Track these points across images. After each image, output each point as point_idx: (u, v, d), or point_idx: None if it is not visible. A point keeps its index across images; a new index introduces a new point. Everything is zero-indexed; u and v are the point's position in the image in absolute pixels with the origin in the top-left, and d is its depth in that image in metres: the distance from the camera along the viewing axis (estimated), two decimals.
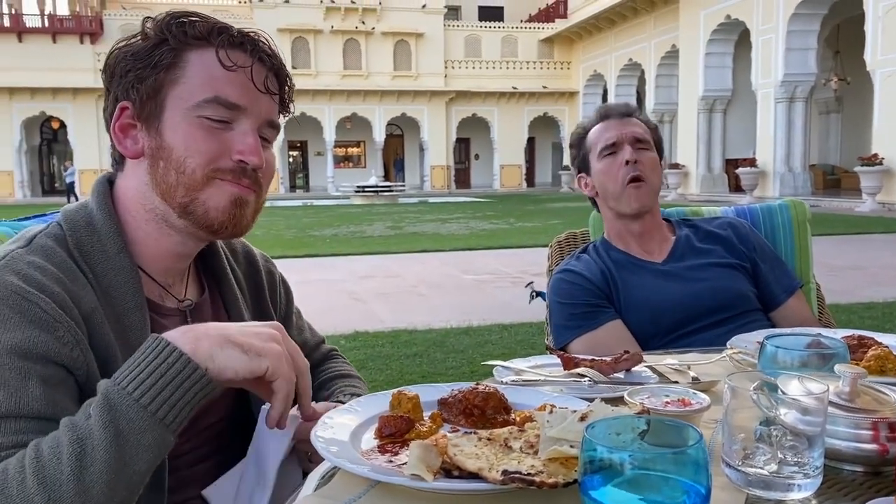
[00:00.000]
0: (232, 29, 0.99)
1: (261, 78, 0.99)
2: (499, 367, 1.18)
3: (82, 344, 0.86)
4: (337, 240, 13.23)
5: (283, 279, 1.29)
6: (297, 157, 37.75)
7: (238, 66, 0.96)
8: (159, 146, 0.96)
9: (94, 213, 0.98)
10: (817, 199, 19.12)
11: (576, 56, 35.46)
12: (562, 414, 0.75)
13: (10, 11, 32.08)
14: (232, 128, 0.97)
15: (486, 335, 5.43)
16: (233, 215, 0.98)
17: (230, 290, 1.13)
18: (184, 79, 0.96)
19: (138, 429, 0.76)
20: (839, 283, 7.19)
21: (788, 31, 19.65)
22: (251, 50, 0.98)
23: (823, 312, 2.02)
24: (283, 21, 33.07)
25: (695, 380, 1.08)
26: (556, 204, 23.31)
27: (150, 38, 0.96)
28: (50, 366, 0.82)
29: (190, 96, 0.95)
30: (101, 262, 0.94)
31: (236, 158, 0.97)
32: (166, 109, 0.96)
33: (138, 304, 0.95)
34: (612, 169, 1.78)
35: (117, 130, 0.98)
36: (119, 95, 0.97)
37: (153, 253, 1.00)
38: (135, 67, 0.95)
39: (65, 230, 0.95)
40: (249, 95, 0.98)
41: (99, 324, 0.90)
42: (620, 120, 1.82)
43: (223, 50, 0.96)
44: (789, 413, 0.72)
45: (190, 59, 0.96)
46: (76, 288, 0.89)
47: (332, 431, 0.84)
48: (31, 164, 33.55)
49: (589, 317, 1.71)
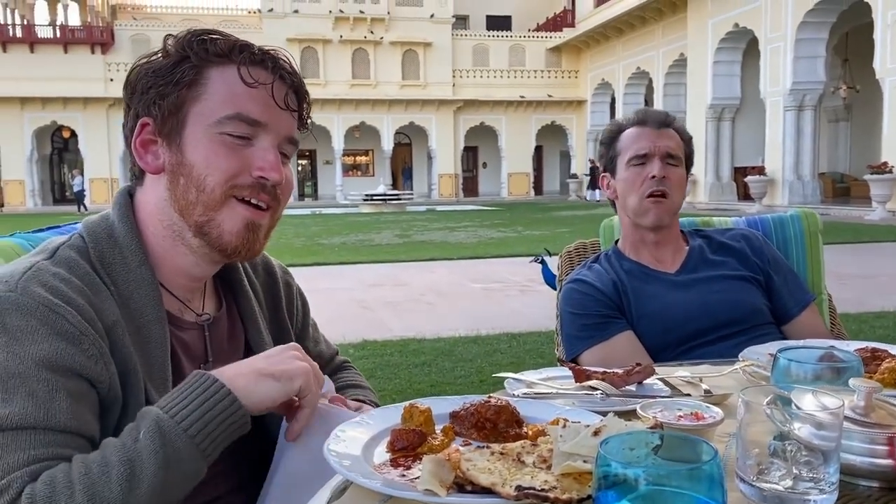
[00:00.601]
0: (253, 46, 1.00)
1: (281, 94, 0.99)
2: (510, 380, 1.18)
3: (105, 357, 0.88)
4: (345, 248, 13.25)
5: (300, 291, 1.30)
6: (305, 165, 37.88)
7: (259, 83, 0.97)
8: (180, 162, 0.96)
9: (116, 225, 0.99)
10: (827, 208, 19.03)
11: (583, 65, 35.49)
12: (575, 428, 0.75)
13: (23, 22, 32.39)
14: (252, 144, 0.98)
15: (495, 344, 5.42)
16: (246, 239, 0.99)
17: (248, 303, 1.13)
18: (205, 95, 0.96)
19: (184, 458, 0.81)
20: (849, 292, 7.15)
21: (797, 39, 19.61)
22: (272, 67, 0.99)
23: (835, 324, 2.01)
24: (293, 31, 33.24)
25: (707, 392, 1.08)
26: (565, 212, 23.29)
27: (171, 56, 0.97)
28: (75, 379, 0.84)
29: (211, 113, 0.96)
30: (123, 275, 0.95)
31: (256, 175, 0.97)
32: (188, 125, 0.96)
33: (158, 316, 0.96)
34: (637, 179, 1.76)
35: (138, 146, 0.99)
36: (140, 111, 0.98)
37: (171, 269, 1.01)
38: (156, 84, 0.96)
39: (87, 242, 0.96)
40: (270, 112, 0.98)
41: (120, 336, 0.91)
42: (657, 130, 1.79)
43: (245, 67, 0.97)
44: (804, 428, 0.72)
45: (211, 76, 0.97)
46: (99, 301, 0.90)
47: (344, 445, 0.84)
48: (43, 173, 33.77)
49: (601, 328, 1.70)
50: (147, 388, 0.92)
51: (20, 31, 32.08)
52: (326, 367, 1.33)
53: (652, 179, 1.73)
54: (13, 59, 31.64)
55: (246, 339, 1.12)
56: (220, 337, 1.08)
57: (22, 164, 32.07)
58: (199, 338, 1.05)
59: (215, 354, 1.06)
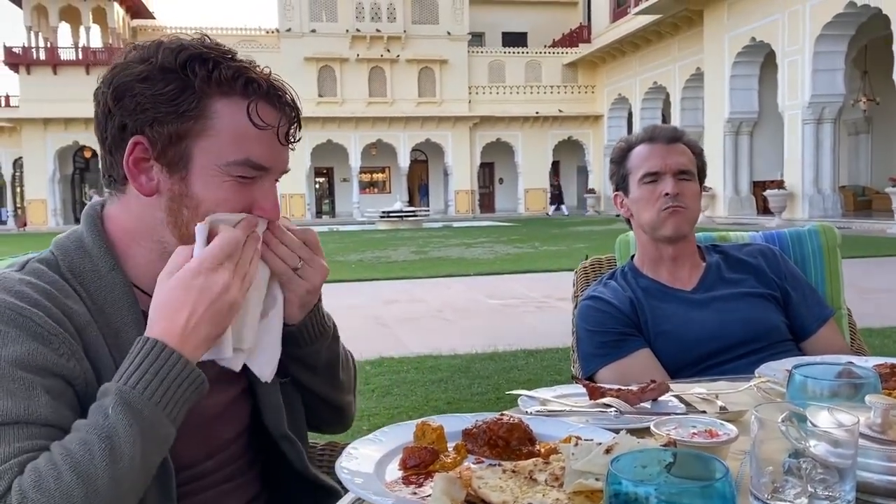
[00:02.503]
0: (259, 80, 0.97)
1: (284, 132, 1.00)
2: (524, 397, 1.17)
3: (78, 355, 0.89)
4: (362, 265, 13.29)
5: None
6: (323, 183, 38.12)
7: (268, 124, 0.97)
8: (184, 194, 0.97)
9: (85, 236, 1.00)
10: (848, 221, 18.83)
11: (600, 80, 35.52)
12: (587, 446, 0.75)
13: (46, 45, 33.00)
14: (255, 182, 0.99)
15: (512, 361, 5.40)
16: None
17: None
18: (212, 132, 0.95)
19: (155, 425, 0.83)
20: (871, 306, 7.05)
21: (815, 52, 19.50)
22: (278, 103, 0.99)
23: (855, 339, 1.99)
24: (310, 50, 33.59)
25: (722, 409, 1.07)
26: (582, 228, 23.22)
27: (168, 74, 0.94)
28: (50, 377, 0.85)
29: (220, 153, 0.96)
30: (94, 282, 0.96)
31: (258, 215, 0.99)
32: (194, 160, 0.96)
33: (135, 318, 0.96)
34: (651, 197, 1.75)
35: (131, 165, 0.96)
36: (130, 126, 0.95)
37: (149, 273, 1.00)
38: (156, 108, 0.94)
39: (56, 255, 0.98)
40: (275, 154, 1.00)
41: (94, 337, 0.92)
42: (666, 146, 1.77)
43: (254, 107, 0.96)
44: (819, 445, 0.71)
45: (218, 110, 0.95)
46: (69, 302, 0.92)
47: (356, 462, 0.84)
48: (64, 192, 34.26)
49: (618, 345, 1.69)
50: None
51: (43, 54, 32.69)
52: None
53: (666, 197, 1.72)
54: (37, 81, 32.23)
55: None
56: None
57: (44, 184, 32.58)
58: None
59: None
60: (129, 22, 35.02)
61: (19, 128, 32.47)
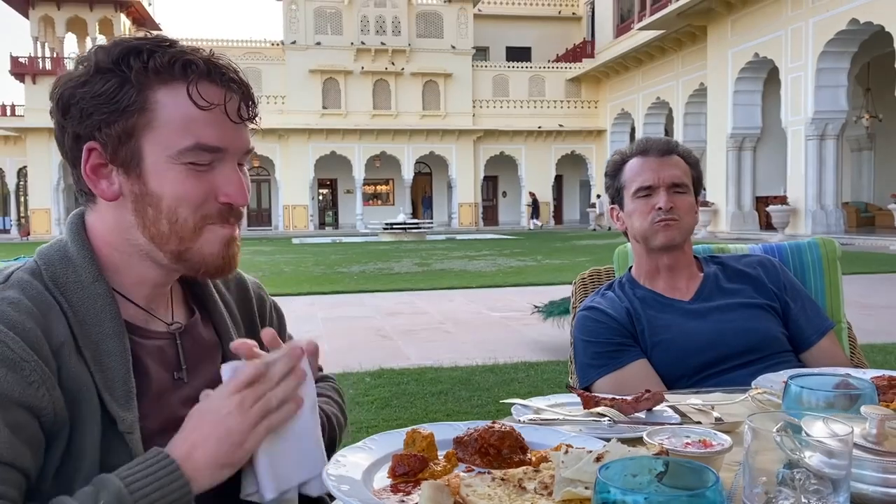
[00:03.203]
0: (197, 60, 0.94)
1: (234, 108, 0.95)
2: (517, 406, 1.16)
3: (48, 383, 0.86)
4: (364, 276, 13.28)
5: (275, 305, 1.28)
6: (326, 194, 38.19)
7: (213, 103, 0.93)
8: (144, 192, 0.94)
9: (69, 245, 0.98)
10: (851, 238, 18.80)
11: (603, 95, 35.62)
12: (577, 454, 0.74)
13: (52, 55, 33.21)
14: (214, 167, 0.95)
15: (513, 373, 5.38)
16: (226, 257, 0.99)
17: (219, 315, 1.12)
18: (157, 122, 0.92)
19: None
20: (874, 322, 7.02)
21: (818, 68, 19.54)
22: (221, 79, 0.95)
23: (855, 353, 1.97)
24: (315, 63, 33.73)
25: (718, 420, 1.06)
26: (584, 241, 23.22)
27: (105, 73, 0.92)
28: (14, 408, 0.83)
29: (169, 143, 0.93)
30: (77, 292, 0.94)
31: (223, 201, 0.96)
32: (146, 156, 0.93)
33: (116, 330, 0.94)
34: (644, 210, 1.74)
35: (89, 172, 0.95)
36: (82, 134, 0.94)
37: (132, 279, 0.99)
38: (99, 111, 0.92)
39: (40, 265, 0.95)
40: (228, 133, 0.95)
41: (68, 356, 0.90)
42: (659, 158, 1.76)
43: (194, 87, 0.92)
44: (814, 456, 0.70)
45: (159, 100, 0.92)
46: (48, 322, 0.90)
47: (344, 469, 0.83)
48: (68, 201, 34.33)
49: (614, 356, 1.68)
50: (106, 403, 0.90)
51: (49, 64, 32.88)
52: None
53: (658, 210, 1.72)
54: (42, 91, 32.32)
55: (222, 351, 1.10)
56: (195, 345, 1.07)
57: (48, 193, 32.68)
58: (171, 346, 1.03)
59: (189, 362, 1.04)
60: (134, 33, 35.19)
61: (24, 137, 32.60)
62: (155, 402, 0.97)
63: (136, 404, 0.93)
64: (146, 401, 0.95)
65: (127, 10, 33.82)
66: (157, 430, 0.94)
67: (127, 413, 0.91)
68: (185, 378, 1.03)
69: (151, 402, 0.97)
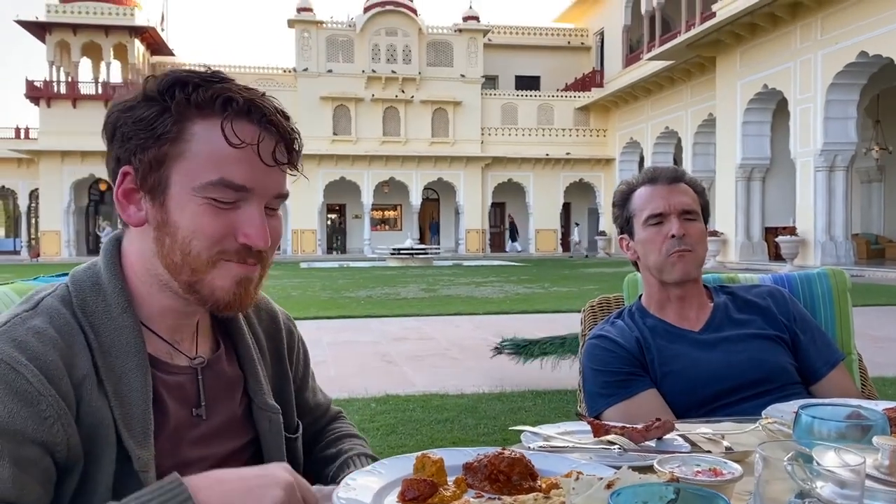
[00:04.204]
0: (237, 97, 0.93)
1: (269, 150, 0.94)
2: (527, 433, 1.16)
3: (64, 419, 0.85)
4: (371, 301, 13.28)
5: (302, 339, 1.27)
6: (335, 219, 38.35)
7: (245, 142, 0.92)
8: (165, 221, 0.94)
9: (102, 272, 0.97)
10: (861, 269, 18.71)
11: (612, 123, 35.79)
12: (588, 481, 0.74)
13: (67, 80, 33.66)
14: (239, 207, 0.94)
15: (520, 402, 5.35)
16: (237, 294, 0.96)
17: (245, 347, 1.10)
18: (189, 154, 0.92)
19: None
20: (885, 355, 6.96)
21: (827, 100, 19.60)
22: (258, 119, 0.93)
23: (866, 385, 1.96)
24: (326, 90, 34.09)
25: (728, 450, 1.05)
26: (592, 269, 23.17)
27: (151, 101, 0.93)
28: (25, 445, 0.82)
29: (195, 176, 0.92)
30: (105, 323, 0.93)
31: (242, 241, 0.94)
32: (171, 185, 0.93)
33: (140, 364, 0.93)
34: (656, 239, 1.74)
35: (121, 196, 0.96)
36: (121, 157, 0.95)
37: (158, 310, 0.99)
38: (137, 135, 0.93)
39: (71, 291, 0.95)
40: (256, 174, 0.93)
41: (89, 391, 0.89)
42: (668, 186, 1.77)
43: (229, 124, 0.92)
44: (826, 486, 0.70)
45: (195, 132, 0.92)
46: (73, 353, 0.89)
47: (354, 493, 0.83)
48: (78, 223, 34.59)
49: (623, 385, 1.68)
50: (123, 440, 0.89)
51: (64, 88, 33.32)
52: (324, 416, 1.30)
53: (672, 239, 1.72)
54: (56, 115, 32.79)
55: (245, 386, 1.08)
56: (217, 380, 1.05)
57: (59, 216, 32.92)
58: (192, 381, 1.02)
59: (209, 399, 1.03)
60: (149, 58, 35.67)
61: (37, 159, 32.92)
62: (170, 439, 0.96)
63: (152, 442, 0.92)
64: (162, 438, 0.94)
65: (141, 36, 34.32)
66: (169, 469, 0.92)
67: (143, 451, 0.90)
68: (204, 415, 1.01)
69: (167, 439, 0.96)
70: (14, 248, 37.36)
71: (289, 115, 0.98)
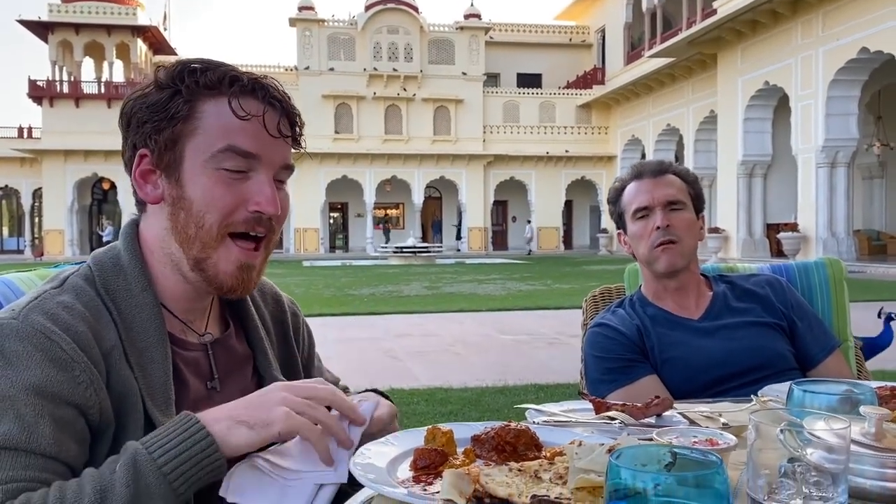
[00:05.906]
0: (243, 77, 1.02)
1: (273, 123, 1.02)
2: (531, 410, 1.20)
3: (96, 384, 0.91)
4: (374, 299, 13.33)
5: (306, 323, 1.33)
6: (337, 218, 38.41)
7: (251, 114, 0.99)
8: (180, 196, 1.00)
9: (122, 254, 1.04)
10: (863, 265, 18.73)
11: (613, 121, 35.81)
12: (590, 447, 0.78)
13: (70, 79, 33.73)
14: (249, 177, 1.01)
15: (523, 395, 5.39)
16: (239, 279, 1.03)
17: (254, 327, 1.16)
18: (200, 130, 0.99)
19: (154, 493, 0.82)
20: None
21: (828, 96, 19.59)
22: (262, 96, 1.01)
23: (862, 371, 2.00)
24: (328, 88, 34.14)
25: (725, 426, 1.09)
26: (594, 266, 23.21)
27: (163, 89, 1.00)
28: (62, 406, 0.87)
29: (207, 148, 0.99)
30: (126, 300, 0.99)
31: (252, 209, 1.00)
32: (185, 160, 1.00)
33: (160, 339, 0.99)
34: (644, 232, 1.80)
35: (138, 177, 1.03)
36: (137, 143, 1.02)
37: (172, 292, 1.05)
38: (151, 119, 0.99)
39: (93, 271, 1.01)
40: (263, 143, 1.01)
41: (117, 361, 0.95)
42: (654, 179, 1.82)
43: (235, 99, 0.99)
44: (815, 453, 0.74)
45: (205, 109, 1.00)
46: (100, 326, 0.95)
47: (369, 460, 0.87)
48: (81, 222, 34.69)
49: (625, 371, 1.72)
50: (148, 409, 0.95)
51: (67, 88, 33.40)
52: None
53: (657, 231, 1.77)
54: (59, 114, 32.88)
55: (255, 363, 1.15)
56: (228, 357, 1.11)
57: (63, 215, 33.03)
58: (205, 357, 1.09)
59: (221, 373, 1.09)
60: (151, 57, 35.76)
61: (40, 159, 33.03)
62: (190, 409, 1.00)
63: (174, 411, 0.97)
64: (183, 408, 0.99)
65: (143, 36, 34.40)
66: None
67: (165, 419, 0.95)
68: (218, 387, 1.08)
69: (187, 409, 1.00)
70: (17, 247, 37.47)
71: (290, 95, 1.07)
